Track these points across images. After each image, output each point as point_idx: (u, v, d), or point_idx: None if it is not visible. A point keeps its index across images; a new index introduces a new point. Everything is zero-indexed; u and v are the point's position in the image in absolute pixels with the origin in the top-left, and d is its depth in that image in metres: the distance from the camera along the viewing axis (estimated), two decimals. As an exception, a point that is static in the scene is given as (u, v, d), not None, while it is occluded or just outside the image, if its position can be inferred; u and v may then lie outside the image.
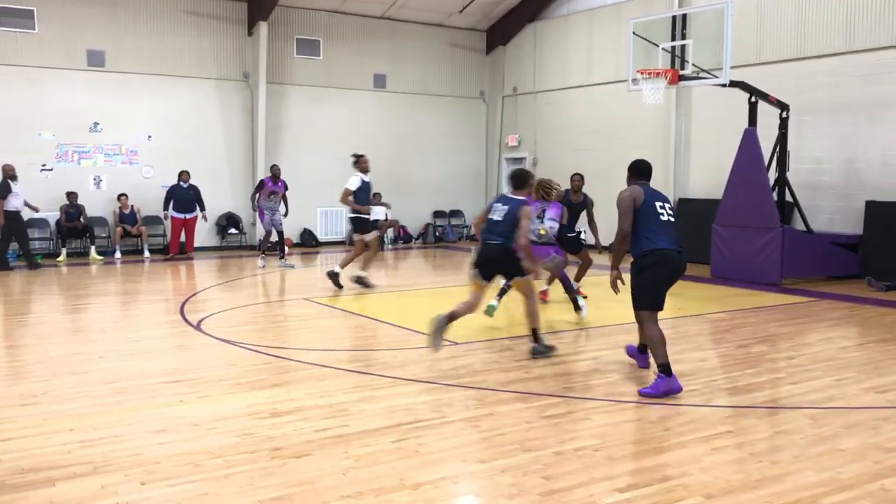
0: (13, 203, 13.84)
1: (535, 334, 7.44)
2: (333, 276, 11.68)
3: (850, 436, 5.17)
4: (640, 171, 6.65)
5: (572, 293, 9.46)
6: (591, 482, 4.32)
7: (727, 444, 4.95)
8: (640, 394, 6.04)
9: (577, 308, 9.36)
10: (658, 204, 6.33)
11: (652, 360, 6.33)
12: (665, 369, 6.02)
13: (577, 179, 10.58)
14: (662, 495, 4.16)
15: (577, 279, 10.30)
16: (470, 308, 7.22)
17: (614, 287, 6.58)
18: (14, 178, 13.93)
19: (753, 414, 5.65)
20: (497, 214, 7.31)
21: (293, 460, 4.63)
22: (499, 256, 7.27)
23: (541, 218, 9.28)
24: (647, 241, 6.21)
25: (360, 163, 12.39)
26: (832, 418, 5.55)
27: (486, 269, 7.31)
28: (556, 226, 9.44)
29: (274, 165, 15.14)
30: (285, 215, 14.98)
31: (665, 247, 6.19)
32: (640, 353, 6.96)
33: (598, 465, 4.57)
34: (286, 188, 14.96)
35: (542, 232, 9.26)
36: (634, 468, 4.53)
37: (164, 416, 5.47)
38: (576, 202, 10.50)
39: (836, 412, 5.71)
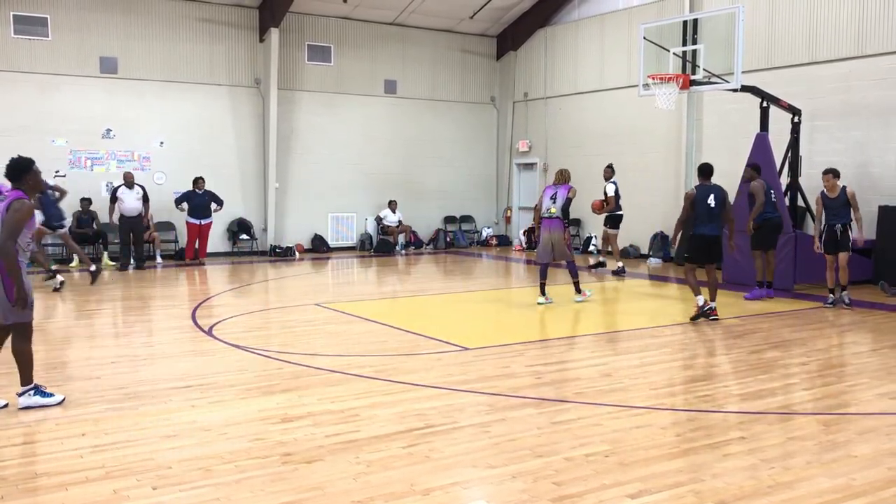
0: (125, 207, 14.94)
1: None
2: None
3: (864, 442, 5.14)
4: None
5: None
6: (602, 488, 4.31)
7: (739, 451, 4.93)
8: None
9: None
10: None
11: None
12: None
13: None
14: (674, 501, 4.15)
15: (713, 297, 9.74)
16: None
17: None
18: (130, 185, 15.08)
19: (766, 420, 5.62)
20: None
21: (304, 465, 4.64)
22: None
23: (553, 199, 10.52)
24: None
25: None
26: (845, 424, 5.52)
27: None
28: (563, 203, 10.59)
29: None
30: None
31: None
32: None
33: (609, 471, 4.56)
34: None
35: (553, 211, 10.49)
36: (646, 474, 4.52)
37: (175, 422, 5.49)
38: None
39: (849, 418, 5.68)
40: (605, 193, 14.37)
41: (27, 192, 5.76)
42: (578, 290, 10.96)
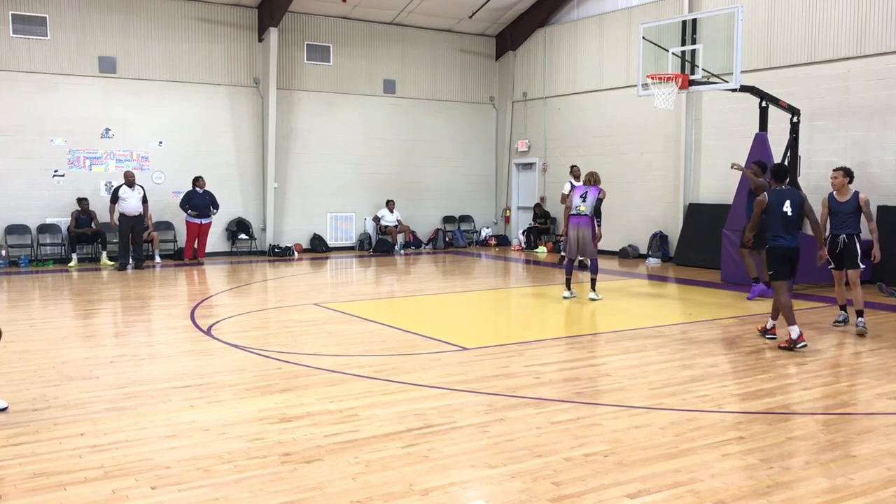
0: (127, 207, 15.03)
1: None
2: None
3: (863, 442, 5.14)
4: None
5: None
6: (601, 488, 4.31)
7: (738, 450, 4.93)
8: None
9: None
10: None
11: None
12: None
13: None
14: (672, 501, 4.15)
15: (775, 315, 8.46)
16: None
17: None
18: (131, 184, 15.16)
19: (764, 420, 5.63)
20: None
21: (303, 465, 4.64)
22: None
23: (584, 198, 10.96)
24: None
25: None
26: (844, 424, 5.52)
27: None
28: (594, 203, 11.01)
29: None
30: None
31: None
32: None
33: (608, 471, 4.56)
34: None
35: (582, 209, 10.93)
36: (644, 474, 4.52)
37: (174, 422, 5.49)
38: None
39: (848, 418, 5.68)
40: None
41: None
42: (593, 288, 11.18)
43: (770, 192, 8.22)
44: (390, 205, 19.05)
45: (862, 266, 8.94)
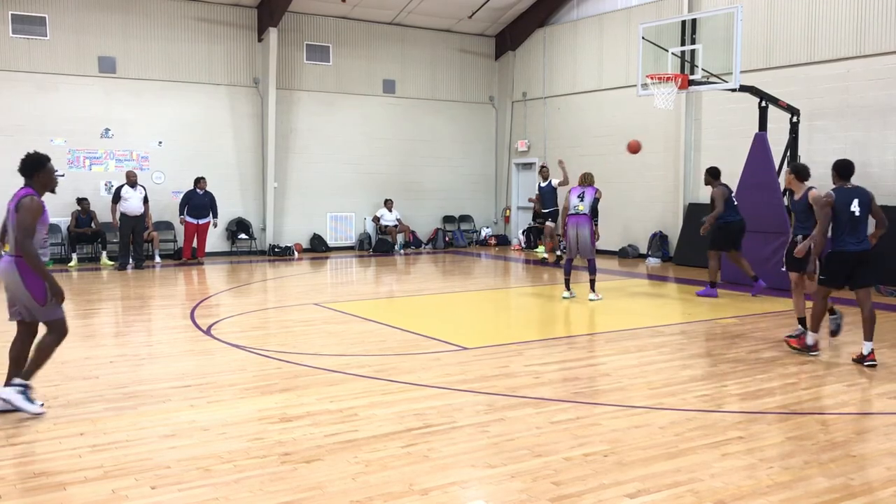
0: (128, 207, 15.10)
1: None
2: None
3: (862, 442, 5.14)
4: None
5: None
6: (601, 488, 4.31)
7: (738, 450, 4.93)
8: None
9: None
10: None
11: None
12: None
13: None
14: (672, 501, 4.15)
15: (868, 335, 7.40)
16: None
17: None
18: (133, 184, 15.22)
19: (764, 419, 5.63)
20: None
21: (303, 465, 4.64)
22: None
23: (581, 198, 11.12)
24: None
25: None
26: (844, 424, 5.52)
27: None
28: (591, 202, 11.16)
29: None
30: None
31: None
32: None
33: (607, 471, 4.56)
34: None
35: (581, 208, 11.08)
36: (644, 474, 4.52)
37: (174, 421, 5.49)
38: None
39: (847, 418, 5.68)
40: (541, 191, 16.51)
41: (37, 190, 5.71)
42: (593, 289, 11.23)
43: (836, 190, 7.38)
44: (388, 204, 19.04)
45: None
